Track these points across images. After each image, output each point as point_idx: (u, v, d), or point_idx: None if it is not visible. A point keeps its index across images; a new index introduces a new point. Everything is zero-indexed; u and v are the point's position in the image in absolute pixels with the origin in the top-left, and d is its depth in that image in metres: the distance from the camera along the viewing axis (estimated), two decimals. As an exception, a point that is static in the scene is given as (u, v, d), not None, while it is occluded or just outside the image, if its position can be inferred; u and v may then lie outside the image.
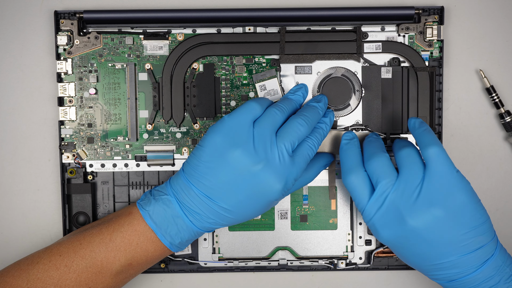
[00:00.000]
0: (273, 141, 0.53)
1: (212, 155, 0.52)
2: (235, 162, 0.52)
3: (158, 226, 0.54)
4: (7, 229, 0.62)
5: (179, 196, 0.54)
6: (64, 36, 0.60)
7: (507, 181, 0.63)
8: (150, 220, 0.54)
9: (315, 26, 0.60)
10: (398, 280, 0.63)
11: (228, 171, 0.52)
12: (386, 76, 0.60)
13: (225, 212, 0.53)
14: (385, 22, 0.60)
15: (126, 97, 0.61)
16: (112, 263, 0.54)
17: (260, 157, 0.52)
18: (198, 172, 0.53)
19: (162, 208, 0.54)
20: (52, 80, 0.62)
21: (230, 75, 0.61)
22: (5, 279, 0.53)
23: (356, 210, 0.62)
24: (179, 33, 0.61)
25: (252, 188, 0.52)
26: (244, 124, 0.53)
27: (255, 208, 0.53)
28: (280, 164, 0.52)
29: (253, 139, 0.52)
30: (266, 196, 0.52)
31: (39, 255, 0.54)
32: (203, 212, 0.53)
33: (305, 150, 0.54)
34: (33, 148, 0.62)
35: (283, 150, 0.52)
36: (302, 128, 0.54)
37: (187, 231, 0.54)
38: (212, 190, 0.52)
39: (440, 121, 0.61)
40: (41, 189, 0.62)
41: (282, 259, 0.62)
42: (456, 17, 0.62)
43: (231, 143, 0.52)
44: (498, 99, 0.61)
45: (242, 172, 0.52)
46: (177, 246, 0.55)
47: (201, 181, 0.53)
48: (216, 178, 0.52)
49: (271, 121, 0.53)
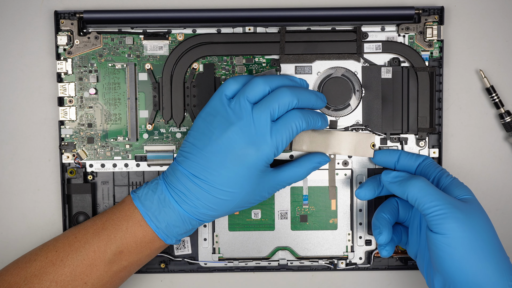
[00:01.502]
0: (247, 107, 0.52)
1: (195, 136, 0.53)
2: (212, 133, 0.52)
3: (145, 208, 0.54)
4: (7, 229, 0.62)
5: (168, 180, 0.54)
6: (64, 36, 0.60)
7: (507, 181, 0.63)
8: (138, 202, 0.54)
9: (315, 26, 0.60)
10: (398, 280, 0.63)
11: (206, 142, 0.52)
12: (386, 76, 0.60)
13: (211, 189, 0.52)
14: (385, 22, 0.60)
15: (126, 97, 0.61)
16: (104, 252, 0.54)
17: (232, 121, 0.52)
18: (183, 152, 0.54)
19: (151, 190, 0.54)
20: (52, 80, 0.62)
21: (230, 75, 0.61)
22: (4, 277, 0.53)
23: (356, 210, 0.62)
24: (179, 33, 0.61)
25: (228, 155, 0.52)
26: (220, 98, 0.53)
27: (236, 179, 0.52)
28: (255, 128, 0.51)
29: (228, 108, 0.52)
30: (242, 161, 0.52)
31: (36, 252, 0.55)
32: (190, 192, 0.53)
33: (289, 117, 0.53)
34: (33, 148, 0.62)
35: (260, 115, 0.52)
36: (286, 97, 0.52)
37: (173, 214, 0.53)
38: (196, 166, 0.52)
39: (440, 121, 0.61)
40: (41, 189, 0.62)
41: (282, 259, 0.62)
42: (456, 17, 0.62)
43: (210, 120, 0.53)
44: (498, 99, 0.61)
45: (217, 139, 0.52)
46: (164, 232, 0.54)
47: (186, 160, 0.53)
48: (198, 153, 0.52)
49: (248, 90, 0.53)
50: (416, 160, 0.58)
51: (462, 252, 0.50)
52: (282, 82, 0.54)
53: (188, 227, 0.55)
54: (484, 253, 0.50)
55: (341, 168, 0.61)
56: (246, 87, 0.53)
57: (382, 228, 0.56)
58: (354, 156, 0.61)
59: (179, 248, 0.62)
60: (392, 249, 0.57)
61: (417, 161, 0.58)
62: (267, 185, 0.55)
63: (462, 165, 0.62)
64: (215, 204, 0.53)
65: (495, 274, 0.50)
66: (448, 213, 0.50)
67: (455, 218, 0.50)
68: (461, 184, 0.54)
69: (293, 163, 0.57)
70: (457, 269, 0.50)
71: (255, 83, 0.53)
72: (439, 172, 0.56)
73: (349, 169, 0.61)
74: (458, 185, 0.54)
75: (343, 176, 0.61)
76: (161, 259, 0.62)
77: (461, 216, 0.50)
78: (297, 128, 0.53)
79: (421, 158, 0.58)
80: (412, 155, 0.58)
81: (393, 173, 0.56)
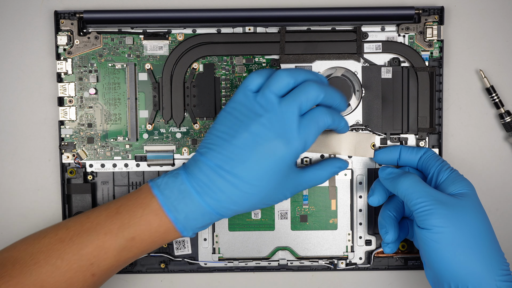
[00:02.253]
0: (273, 100, 0.51)
1: (220, 129, 0.52)
2: (239, 125, 0.51)
3: (165, 197, 0.52)
4: (7, 229, 0.62)
5: (189, 170, 0.53)
6: (64, 36, 0.60)
7: (507, 181, 0.63)
8: (157, 190, 0.53)
9: (315, 26, 0.60)
10: (398, 280, 0.63)
11: (233, 134, 0.51)
12: (386, 76, 0.60)
13: (236, 181, 0.51)
14: (385, 22, 0.60)
15: (126, 97, 0.61)
16: (116, 236, 0.52)
17: (259, 113, 0.51)
18: (207, 144, 0.52)
19: (171, 180, 0.53)
20: (52, 80, 0.62)
21: (230, 75, 0.61)
22: (11, 253, 0.53)
23: (356, 210, 0.62)
24: (179, 33, 0.61)
25: (256, 147, 0.51)
26: (244, 92, 0.53)
27: (264, 172, 0.51)
28: (283, 121, 0.51)
29: (254, 101, 0.52)
30: (272, 154, 0.51)
31: (47, 230, 0.54)
32: (213, 183, 0.51)
33: (316, 113, 0.52)
34: (33, 148, 0.62)
35: (288, 108, 0.51)
36: (313, 91, 0.52)
37: (193, 206, 0.52)
38: (222, 157, 0.51)
39: (440, 121, 0.61)
40: (41, 189, 0.62)
41: (282, 259, 0.62)
42: (456, 17, 0.62)
43: (235, 113, 0.52)
44: (498, 99, 0.61)
45: (245, 131, 0.51)
46: (182, 223, 0.53)
47: (210, 151, 0.52)
48: (224, 144, 0.51)
49: (272, 83, 0.52)
50: (417, 154, 0.58)
51: (447, 247, 0.51)
52: (306, 75, 0.54)
53: (207, 220, 0.53)
54: (471, 248, 0.50)
55: (341, 168, 0.61)
56: (270, 80, 0.52)
57: (389, 227, 0.57)
58: (354, 156, 0.61)
59: (179, 248, 0.62)
60: (396, 246, 0.58)
61: (418, 155, 0.58)
62: (291, 184, 0.54)
63: (462, 165, 0.62)
64: (238, 197, 0.52)
65: (482, 269, 0.50)
66: (433, 209, 0.51)
67: (439, 214, 0.51)
68: (459, 177, 0.54)
69: (316, 166, 0.57)
70: (442, 264, 0.51)
71: (279, 76, 0.52)
72: (440, 165, 0.56)
73: (349, 169, 0.61)
74: (455, 179, 0.54)
75: (343, 176, 0.61)
76: (161, 259, 0.62)
77: (446, 212, 0.51)
78: (324, 124, 0.53)
79: (421, 151, 0.58)
80: (412, 149, 0.58)
81: (388, 170, 0.57)
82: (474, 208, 0.52)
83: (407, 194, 0.53)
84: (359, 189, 0.62)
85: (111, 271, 0.54)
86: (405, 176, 0.54)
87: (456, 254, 0.50)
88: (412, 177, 0.54)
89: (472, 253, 0.50)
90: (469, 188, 0.53)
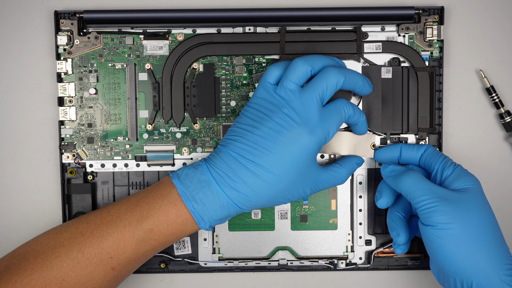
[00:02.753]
0: (294, 90, 0.52)
1: (243, 122, 0.53)
2: (262, 118, 0.52)
3: (184, 186, 0.52)
4: (7, 229, 0.62)
5: (210, 161, 0.53)
6: (64, 36, 0.60)
7: (507, 181, 0.63)
8: (177, 180, 0.53)
9: (315, 26, 0.60)
10: (398, 280, 0.63)
11: (256, 125, 0.52)
12: (386, 76, 0.60)
13: (257, 169, 0.51)
14: (385, 22, 0.60)
15: (126, 97, 0.61)
16: (135, 228, 0.52)
17: (281, 105, 0.52)
18: (230, 136, 0.53)
19: (191, 170, 0.53)
20: (52, 80, 0.62)
21: (230, 75, 0.61)
22: (33, 247, 0.53)
23: (356, 210, 0.62)
24: (179, 33, 0.61)
25: (279, 136, 0.51)
26: (264, 87, 0.53)
27: (285, 161, 0.51)
28: (305, 111, 0.51)
29: (274, 94, 0.52)
30: (294, 143, 0.51)
31: (68, 224, 0.54)
32: (233, 172, 0.51)
33: (338, 102, 0.53)
34: (33, 148, 0.62)
35: (309, 97, 0.52)
36: (333, 76, 0.52)
37: (212, 196, 0.52)
38: (244, 147, 0.51)
39: (440, 121, 0.61)
40: (41, 189, 0.62)
41: (282, 259, 0.62)
42: (456, 17, 0.62)
43: (258, 107, 0.53)
44: (498, 99, 0.61)
45: (268, 122, 0.51)
46: (200, 214, 0.52)
47: (233, 142, 0.52)
48: (246, 135, 0.52)
49: (290, 73, 0.52)
50: (418, 151, 0.58)
51: (452, 243, 0.51)
52: (324, 61, 0.54)
53: (225, 212, 0.53)
54: (475, 243, 0.51)
55: (341, 168, 0.61)
56: (288, 70, 0.53)
57: (400, 229, 0.57)
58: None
59: (179, 248, 0.62)
60: (407, 247, 0.58)
61: (419, 152, 0.58)
62: (311, 180, 0.54)
63: (462, 165, 0.62)
64: (259, 187, 0.51)
65: (487, 264, 0.50)
66: (436, 206, 0.51)
67: (443, 211, 0.51)
68: (463, 172, 0.54)
69: (334, 164, 0.57)
70: (447, 259, 0.51)
71: (296, 65, 0.53)
72: (443, 162, 0.56)
73: (349, 169, 0.61)
74: (460, 175, 0.54)
75: (343, 176, 0.61)
76: (161, 259, 0.62)
77: (449, 209, 0.51)
78: (346, 114, 0.53)
79: (422, 148, 0.58)
80: (413, 147, 0.58)
81: (390, 167, 0.57)
82: (479, 203, 0.52)
83: (410, 192, 0.53)
84: (359, 189, 0.62)
85: (131, 264, 0.54)
86: (407, 173, 0.54)
87: (461, 250, 0.51)
88: (415, 175, 0.54)
89: (476, 248, 0.51)
90: (474, 183, 0.53)
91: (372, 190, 0.62)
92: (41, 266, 0.52)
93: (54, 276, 0.51)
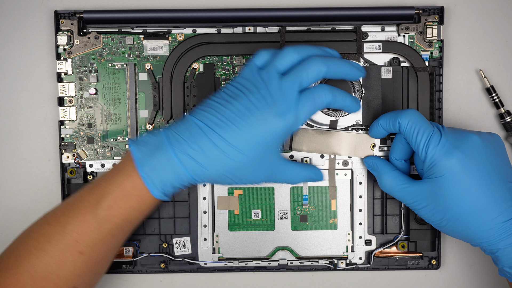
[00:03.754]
0: (275, 75, 0.52)
1: (218, 96, 0.53)
2: (238, 94, 0.52)
3: (139, 152, 0.52)
4: (7, 229, 0.62)
5: (171, 126, 0.53)
6: (64, 36, 0.60)
7: (507, 181, 0.63)
8: (134, 146, 0.52)
9: (315, 26, 0.60)
10: (398, 280, 0.63)
11: (230, 100, 0.52)
12: (386, 76, 0.60)
13: (218, 140, 0.51)
14: (385, 22, 0.60)
15: (126, 97, 0.61)
16: (94, 207, 0.52)
17: (260, 86, 0.52)
18: (199, 107, 0.53)
19: (149, 137, 0.53)
20: (52, 80, 0.62)
21: (230, 75, 0.61)
22: (9, 247, 0.54)
23: (356, 210, 0.62)
24: (179, 33, 0.61)
25: (249, 115, 0.51)
26: (250, 68, 0.54)
27: (248, 138, 0.51)
28: (282, 95, 0.51)
29: (257, 75, 0.53)
30: (263, 123, 0.51)
31: (40, 217, 0.54)
32: (191, 136, 0.51)
33: (315, 89, 0.53)
34: (33, 148, 0.62)
35: (287, 83, 0.52)
36: (315, 66, 0.53)
37: (163, 157, 0.51)
38: (211, 118, 0.51)
39: (440, 121, 0.61)
40: (41, 189, 0.62)
41: (282, 259, 0.62)
42: (456, 17, 0.62)
43: (237, 85, 0.53)
44: (498, 99, 0.61)
45: (242, 100, 0.52)
46: (151, 178, 0.52)
47: (201, 112, 0.52)
48: (217, 108, 0.52)
49: (277, 59, 0.53)
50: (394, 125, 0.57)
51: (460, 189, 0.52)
52: (313, 51, 0.54)
53: (177, 180, 0.52)
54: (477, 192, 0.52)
55: (341, 168, 0.61)
56: (276, 56, 0.53)
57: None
58: (354, 157, 0.61)
59: (179, 248, 0.62)
60: None
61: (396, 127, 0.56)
62: (269, 166, 0.54)
63: (462, 165, 0.62)
64: (215, 158, 0.51)
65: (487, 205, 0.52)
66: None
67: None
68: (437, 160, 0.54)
69: (296, 163, 0.57)
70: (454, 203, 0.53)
71: (285, 52, 0.53)
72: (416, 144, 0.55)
73: (349, 169, 0.61)
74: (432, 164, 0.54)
75: (343, 176, 0.61)
76: (161, 259, 0.62)
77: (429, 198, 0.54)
78: (322, 101, 0.53)
79: (396, 123, 0.56)
80: (389, 120, 0.57)
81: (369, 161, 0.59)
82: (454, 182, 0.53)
83: None
84: (359, 189, 0.62)
85: (99, 246, 0.53)
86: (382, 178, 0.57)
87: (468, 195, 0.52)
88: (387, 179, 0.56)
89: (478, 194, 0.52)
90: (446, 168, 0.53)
91: (372, 190, 0.62)
92: (14, 262, 0.52)
93: (26, 270, 0.51)
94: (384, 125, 0.57)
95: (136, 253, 0.62)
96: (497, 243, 0.52)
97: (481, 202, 0.52)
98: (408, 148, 0.57)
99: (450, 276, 0.63)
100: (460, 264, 0.63)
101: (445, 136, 0.53)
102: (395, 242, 0.62)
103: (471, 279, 0.63)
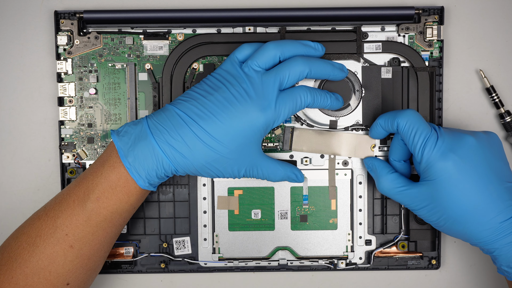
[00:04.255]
0: (256, 71, 0.53)
1: (199, 87, 0.54)
2: (219, 87, 0.53)
3: (122, 143, 0.52)
4: (7, 230, 0.62)
5: (152, 116, 0.54)
6: (64, 36, 0.60)
7: (507, 181, 0.63)
8: (116, 137, 0.53)
9: (315, 26, 0.60)
10: (398, 280, 0.63)
11: (211, 92, 0.53)
12: (386, 76, 0.60)
13: (199, 130, 0.51)
14: (385, 22, 0.60)
15: (126, 97, 0.61)
16: (83, 201, 0.53)
17: (240, 81, 0.53)
18: (180, 97, 0.54)
19: (131, 127, 0.53)
20: (52, 80, 0.62)
21: (230, 75, 0.61)
22: (4, 244, 0.54)
23: (356, 210, 0.62)
24: (179, 33, 0.61)
25: (230, 108, 0.52)
26: (231, 61, 0.54)
27: (229, 130, 0.52)
28: (262, 91, 0.52)
29: (239, 69, 0.54)
30: (244, 116, 0.52)
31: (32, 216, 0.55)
32: (173, 127, 0.52)
33: (295, 89, 0.54)
34: (33, 148, 0.62)
35: (269, 80, 0.53)
36: (298, 66, 0.54)
37: (146, 146, 0.52)
38: (191, 108, 0.52)
39: (440, 121, 0.61)
40: (41, 189, 0.62)
41: (282, 259, 0.62)
42: (456, 17, 0.62)
43: (218, 77, 0.54)
44: (498, 99, 0.61)
45: (224, 93, 0.52)
46: (135, 167, 0.52)
47: (182, 102, 0.53)
48: (198, 99, 0.53)
49: (258, 55, 0.54)
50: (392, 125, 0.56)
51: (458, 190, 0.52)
52: (295, 48, 0.55)
53: (161, 170, 0.53)
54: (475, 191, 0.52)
55: (341, 168, 0.61)
56: (257, 51, 0.54)
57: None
58: (354, 157, 0.61)
59: (179, 248, 0.62)
60: None
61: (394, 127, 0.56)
62: (249, 160, 0.54)
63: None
64: (196, 148, 0.52)
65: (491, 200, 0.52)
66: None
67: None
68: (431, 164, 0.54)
69: (278, 161, 0.57)
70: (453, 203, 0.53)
71: (266, 48, 0.54)
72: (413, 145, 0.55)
73: (349, 169, 0.61)
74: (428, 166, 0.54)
75: (343, 176, 0.61)
76: (161, 259, 0.62)
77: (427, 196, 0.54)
78: (301, 101, 0.54)
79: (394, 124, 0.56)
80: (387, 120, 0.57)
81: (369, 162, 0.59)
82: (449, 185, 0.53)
83: None
84: (359, 189, 0.62)
85: (89, 239, 0.53)
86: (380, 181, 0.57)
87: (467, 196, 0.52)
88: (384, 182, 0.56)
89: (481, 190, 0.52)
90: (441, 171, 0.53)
91: (372, 191, 0.62)
92: (7, 259, 0.52)
93: (18, 265, 0.52)
94: (383, 124, 0.57)
95: (136, 253, 0.62)
96: (494, 242, 0.52)
97: (478, 203, 0.52)
98: (406, 149, 0.57)
99: (450, 276, 0.63)
100: (460, 264, 0.63)
101: (441, 138, 0.53)
102: (395, 242, 0.62)
103: (471, 279, 0.63)
